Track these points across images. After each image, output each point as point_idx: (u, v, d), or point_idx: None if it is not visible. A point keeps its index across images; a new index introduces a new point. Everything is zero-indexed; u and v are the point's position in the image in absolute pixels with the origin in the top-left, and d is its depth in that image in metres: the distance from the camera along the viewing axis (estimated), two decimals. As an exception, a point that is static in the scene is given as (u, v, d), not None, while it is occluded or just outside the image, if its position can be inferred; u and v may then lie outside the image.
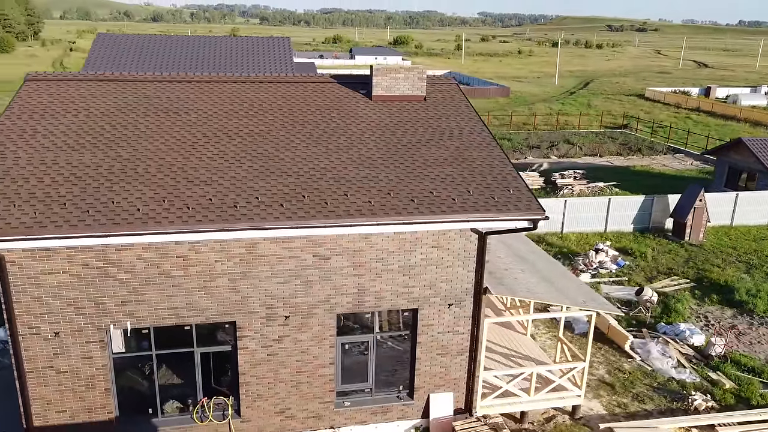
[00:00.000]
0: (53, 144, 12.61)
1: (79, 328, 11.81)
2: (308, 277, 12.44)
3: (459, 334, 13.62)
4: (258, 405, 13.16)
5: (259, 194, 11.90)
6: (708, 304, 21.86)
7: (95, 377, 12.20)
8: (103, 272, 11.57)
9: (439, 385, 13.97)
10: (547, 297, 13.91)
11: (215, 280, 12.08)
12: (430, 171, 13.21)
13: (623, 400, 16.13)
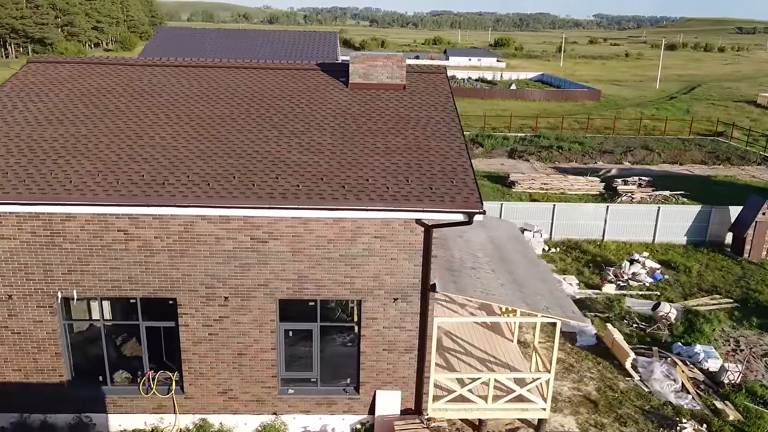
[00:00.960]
0: (24, 119, 13.50)
1: (29, 293, 12.54)
2: (246, 259, 12.45)
3: (406, 330, 13.09)
4: (201, 383, 13.35)
5: (192, 173, 12.06)
6: (745, 327, 19.61)
7: (46, 341, 12.90)
8: (49, 241, 12.20)
9: (387, 382, 13.50)
10: (502, 299, 13.05)
11: (155, 256, 12.38)
12: (377, 159, 12.79)
13: (603, 420, 14.81)
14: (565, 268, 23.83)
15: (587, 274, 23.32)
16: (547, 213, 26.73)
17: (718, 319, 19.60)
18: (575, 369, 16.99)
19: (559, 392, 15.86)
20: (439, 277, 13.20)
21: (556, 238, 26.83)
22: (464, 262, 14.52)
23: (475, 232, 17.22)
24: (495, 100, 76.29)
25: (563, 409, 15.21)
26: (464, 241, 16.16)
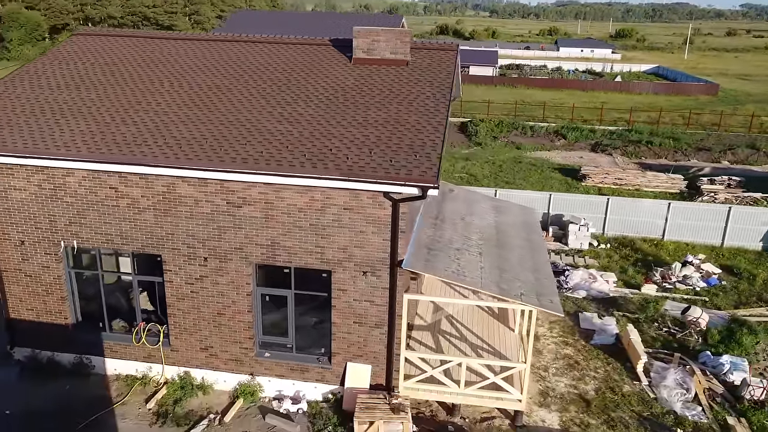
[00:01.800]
0: (47, 84, 14.84)
1: (38, 240, 13.86)
2: (222, 222, 12.96)
3: (376, 305, 13.04)
4: (185, 338, 14.11)
5: (171, 137, 12.71)
6: (798, 343, 17.52)
7: (53, 285, 14.20)
8: (53, 194, 13.40)
9: (357, 355, 13.54)
10: (472, 282, 12.61)
11: (142, 214, 13.21)
12: (350, 131, 12.78)
13: (591, 421, 13.92)
14: (608, 265, 22.43)
15: (631, 272, 21.81)
16: (600, 207, 25.23)
17: (767, 331, 17.66)
18: (580, 367, 16.05)
19: (553, 388, 15.09)
20: (414, 254, 13.02)
21: (609, 233, 25.28)
22: (451, 243, 14.17)
23: (482, 215, 16.72)
24: (596, 92, 72.50)
25: (551, 404, 14.46)
26: (465, 223, 15.74)
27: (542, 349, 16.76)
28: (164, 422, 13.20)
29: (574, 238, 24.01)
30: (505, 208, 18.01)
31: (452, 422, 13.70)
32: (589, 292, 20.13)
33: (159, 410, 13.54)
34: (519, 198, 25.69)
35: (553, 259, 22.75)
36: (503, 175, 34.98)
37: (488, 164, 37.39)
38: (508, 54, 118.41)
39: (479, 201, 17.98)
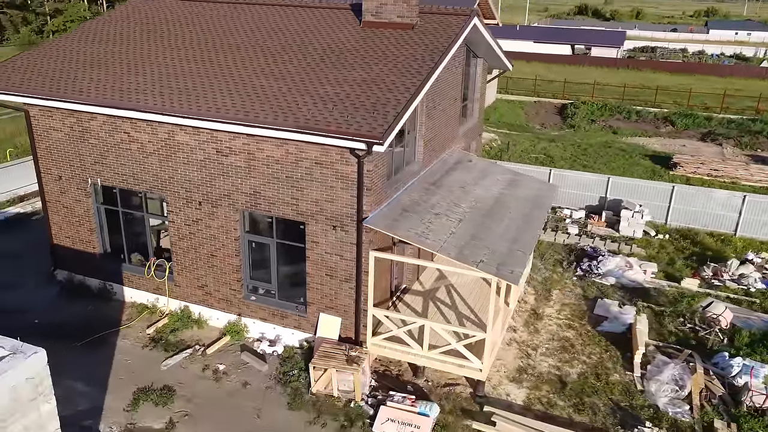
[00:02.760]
0: (93, 38, 16.67)
1: (71, 176, 15.80)
2: (212, 170, 13.99)
3: (344, 259, 13.46)
4: (185, 274, 15.45)
5: (166, 86, 13.87)
6: None
7: (83, 217, 16.15)
8: (81, 136, 15.20)
9: (329, 306, 14.08)
10: (432, 245, 12.59)
11: (148, 158, 14.61)
12: (326, 88, 13.17)
13: (559, 402, 13.43)
14: (656, 256, 20.90)
15: (679, 265, 20.19)
16: (663, 194, 23.41)
17: (812, 342, 15.73)
18: (574, 350, 15.38)
19: (534, 366, 14.67)
20: (383, 213, 13.25)
21: (672, 224, 23.42)
22: (433, 208, 14.17)
23: (489, 186, 16.41)
24: (735, 78, 65.67)
25: (524, 381, 14.10)
26: (463, 192, 15.57)
27: (541, 329, 16.24)
28: (155, 347, 14.67)
29: (626, 225, 22.57)
30: (522, 182, 17.48)
31: (415, 383, 13.87)
32: (619, 279, 18.99)
33: (155, 336, 15.04)
34: (574, 180, 24.57)
35: (596, 244, 21.62)
36: (584, 158, 33.31)
37: (573, 147, 35.73)
38: (646, 36, 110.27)
39: (495, 173, 17.61)
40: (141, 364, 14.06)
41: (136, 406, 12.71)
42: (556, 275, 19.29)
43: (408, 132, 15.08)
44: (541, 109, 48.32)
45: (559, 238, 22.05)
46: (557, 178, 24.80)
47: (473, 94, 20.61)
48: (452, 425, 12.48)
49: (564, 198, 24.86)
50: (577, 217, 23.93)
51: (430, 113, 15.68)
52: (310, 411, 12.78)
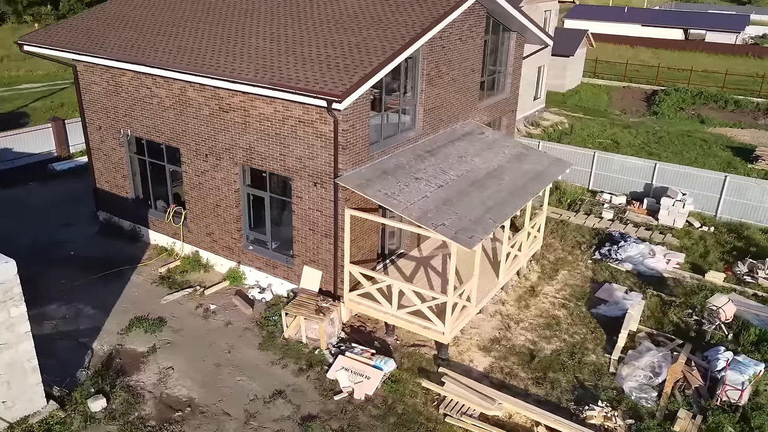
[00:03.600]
0: (131, 3, 18.29)
1: (108, 127, 17.59)
2: (216, 125, 15.10)
3: (324, 215, 14.12)
4: (197, 222, 16.81)
5: (177, 45, 15.06)
6: None
7: (118, 164, 17.95)
8: (115, 90, 16.88)
9: (312, 260, 14.83)
10: (395, 205, 12.92)
11: (166, 112, 15.99)
12: (312, 50, 13.77)
13: (521, 374, 13.39)
14: (689, 247, 19.71)
15: (712, 258, 18.95)
16: (715, 185, 21.87)
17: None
18: (558, 328, 15.13)
19: (509, 338, 14.64)
20: (359, 173, 13.73)
21: (723, 216, 21.87)
22: (417, 173, 14.43)
23: (490, 158, 16.36)
24: None
25: (493, 351, 14.14)
26: (458, 160, 15.65)
27: (532, 305, 16.07)
28: (162, 284, 16.18)
29: (665, 214, 21.39)
30: (531, 157, 17.17)
31: (384, 340, 14.35)
32: (637, 266, 18.20)
33: (165, 275, 16.55)
34: (620, 164, 23.54)
35: (629, 230, 20.72)
36: (655, 146, 31.50)
37: (648, 134, 33.82)
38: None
39: (505, 146, 17.42)
40: (145, 297, 15.60)
41: (129, 330, 14.22)
42: (571, 257, 18.82)
43: (405, 98, 15.38)
44: (628, 95, 45.88)
45: (590, 222, 21.35)
46: (602, 162, 23.87)
47: (505, 68, 20.35)
48: (404, 381, 12.88)
49: (607, 182, 23.92)
50: (617, 202, 22.96)
51: (433, 81, 15.83)
52: (276, 353, 13.67)
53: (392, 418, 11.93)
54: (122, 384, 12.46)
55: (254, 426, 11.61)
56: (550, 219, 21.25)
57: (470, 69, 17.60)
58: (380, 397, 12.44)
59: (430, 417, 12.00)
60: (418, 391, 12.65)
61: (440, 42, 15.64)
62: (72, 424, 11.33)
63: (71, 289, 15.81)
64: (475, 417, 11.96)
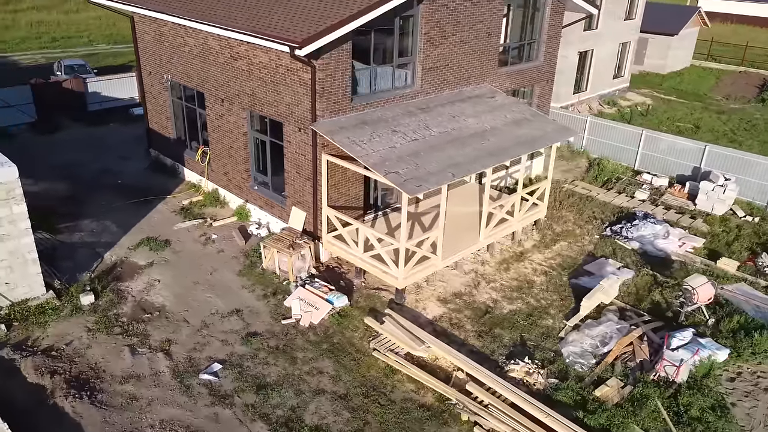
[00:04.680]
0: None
1: (155, 72, 19.78)
2: (228, 71, 16.59)
3: (307, 159, 15.18)
4: (217, 161, 18.58)
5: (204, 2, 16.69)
6: None
7: (163, 107, 20.15)
8: (159, 39, 18.94)
9: (298, 201, 15.99)
10: (354, 151, 13.62)
11: (194, 60, 17.76)
12: (301, 3, 14.68)
13: (468, 327, 13.76)
14: (718, 233, 18.45)
15: (738, 248, 17.66)
16: (766, 172, 20.12)
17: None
18: (528, 293, 15.16)
19: (472, 294, 14.94)
20: (337, 121, 14.58)
21: (774, 208, 20.13)
22: (397, 126, 15.00)
23: (485, 119, 16.50)
24: None
25: (450, 303, 14.55)
26: (451, 120, 15.96)
27: (512, 269, 16.15)
28: (180, 213, 18.16)
29: (704, 199, 20.05)
30: (534, 123, 16.99)
31: (351, 281, 15.26)
32: (644, 246, 17.48)
33: (186, 207, 18.53)
34: (669, 146, 22.26)
35: (657, 212, 19.74)
36: (743, 134, 28.99)
37: (742, 122, 31.09)
38: None
39: (511, 111, 17.35)
40: (162, 223, 17.66)
41: (138, 247, 16.31)
42: (580, 230, 18.43)
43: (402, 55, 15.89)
44: (740, 81, 41.93)
45: (619, 200, 20.57)
46: (650, 141, 22.69)
47: (538, 36, 20.02)
48: (351, 317, 13.76)
49: (654, 163, 22.72)
50: (658, 184, 21.82)
51: (434, 41, 16.18)
52: (251, 279, 15.09)
53: (325, 345, 12.91)
54: (113, 287, 14.49)
55: (204, 334, 13.12)
56: (575, 193, 20.77)
57: (486, 32, 17.65)
58: (323, 327, 13.44)
59: (360, 349, 12.84)
60: (360, 327, 13.49)
61: (443, 2, 15.94)
62: (62, 311, 13.49)
63: (107, 209, 18.25)
64: (401, 355, 12.61)
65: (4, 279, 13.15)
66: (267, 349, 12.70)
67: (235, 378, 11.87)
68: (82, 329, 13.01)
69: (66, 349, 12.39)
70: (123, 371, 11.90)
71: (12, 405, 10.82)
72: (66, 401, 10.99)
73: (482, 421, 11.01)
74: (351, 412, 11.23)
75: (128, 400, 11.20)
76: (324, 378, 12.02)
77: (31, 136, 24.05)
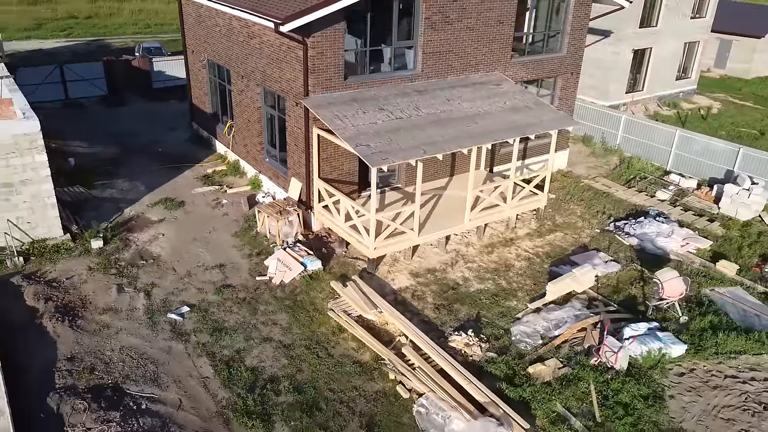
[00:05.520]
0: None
1: (196, 51, 21.55)
2: (246, 49, 17.92)
3: (301, 132, 16.18)
4: (239, 134, 20.03)
5: (225, -19, 18.08)
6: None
7: (202, 83, 21.91)
8: (198, 20, 20.65)
9: (297, 173, 17.03)
10: (337, 126, 14.40)
11: (222, 39, 19.26)
12: (304, -15, 15.67)
13: (428, 299, 14.21)
14: (730, 237, 17.57)
15: (746, 253, 16.78)
16: (802, 178, 18.82)
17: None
18: (503, 276, 15.36)
19: (445, 271, 15.35)
20: (327, 97, 15.44)
21: (808, 218, 18.80)
22: (387, 106, 15.64)
23: (481, 105, 16.77)
24: None
25: (421, 277, 15.03)
26: (444, 102, 16.39)
27: (495, 252, 16.35)
28: (201, 180, 19.79)
29: (728, 202, 19.08)
30: (533, 111, 17.00)
31: (334, 250, 16.10)
32: (643, 243, 17.04)
33: (208, 174, 20.15)
34: (703, 147, 21.31)
35: (673, 212, 19.06)
36: (809, 142, 26.96)
37: (814, 130, 28.88)
38: None
39: (512, 98, 17.45)
40: (183, 187, 19.34)
41: (155, 206, 18.03)
42: (582, 223, 18.23)
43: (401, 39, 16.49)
44: (837, 90, 38.50)
45: (637, 199, 20.00)
46: (683, 142, 21.80)
47: (563, 27, 19.88)
48: (321, 280, 14.64)
49: (687, 164, 21.81)
50: (686, 185, 20.94)
51: (436, 26, 16.65)
52: (243, 240, 16.34)
53: (288, 302, 13.87)
54: (122, 236, 16.21)
55: (185, 281, 14.48)
56: (592, 188, 20.42)
57: (497, 21, 17.86)
58: (292, 287, 14.41)
59: (318, 308, 13.69)
60: (325, 289, 14.33)
61: (446, -12, 16.40)
62: (73, 252, 15.34)
63: (141, 172, 20.21)
64: (352, 317, 13.33)
65: (26, 219, 15.16)
66: (234, 300, 13.85)
67: (197, 320, 13.11)
68: (84, 267, 14.76)
69: (65, 282, 14.15)
70: (105, 304, 13.47)
71: (8, 322, 12.63)
72: (50, 322, 12.66)
73: (405, 380, 11.54)
74: (289, 360, 12.12)
75: (101, 328, 12.72)
76: (276, 329, 13.00)
77: (99, 108, 26.80)
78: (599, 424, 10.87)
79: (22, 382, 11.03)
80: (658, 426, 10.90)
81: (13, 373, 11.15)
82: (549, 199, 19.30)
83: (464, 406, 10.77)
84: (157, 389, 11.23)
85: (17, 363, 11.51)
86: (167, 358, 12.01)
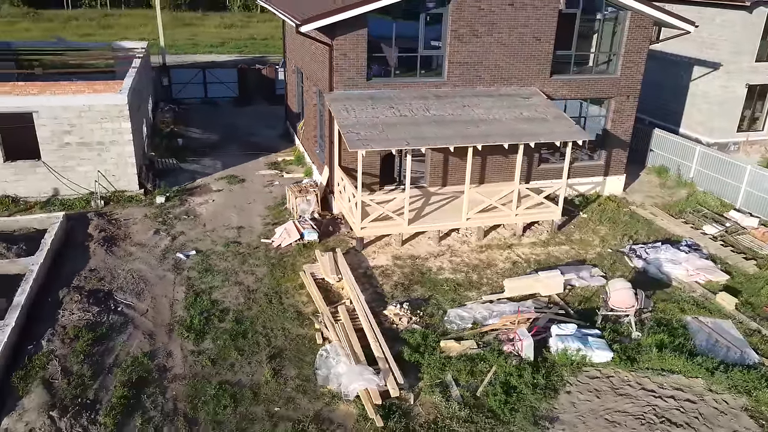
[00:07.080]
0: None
1: (290, 60, 24.97)
2: (308, 53, 20.69)
3: (326, 124, 18.43)
4: (306, 128, 22.85)
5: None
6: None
7: (291, 86, 25.27)
8: (289, 32, 24.03)
9: (327, 161, 19.26)
10: (341, 117, 16.32)
11: (300, 47, 22.31)
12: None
13: (393, 278, 15.46)
14: (760, 276, 16.10)
15: (762, 287, 15.36)
16: None
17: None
18: (479, 271, 15.99)
19: (426, 260, 16.36)
20: (348, 94, 17.52)
21: None
22: (400, 105, 17.27)
23: (495, 112, 17.59)
24: None
25: (400, 260, 16.27)
26: (459, 108, 17.55)
27: (487, 253, 16.96)
28: (268, 165, 22.93)
29: None
30: (548, 124, 17.35)
31: (340, 231, 17.94)
32: (647, 267, 16.40)
33: (276, 162, 23.28)
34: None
35: (709, 245, 17.86)
36: None
37: None
38: None
39: (533, 110, 17.91)
40: (251, 168, 22.63)
41: (220, 179, 21.47)
42: (599, 242, 17.93)
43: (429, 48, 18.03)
44: None
45: (678, 229, 18.99)
46: (755, 178, 20.10)
47: (617, 48, 19.82)
48: (311, 247, 16.62)
49: (759, 203, 20.02)
50: (746, 223, 19.30)
51: (464, 39, 17.93)
52: (271, 212, 18.97)
53: (274, 260, 16.07)
54: (182, 198, 19.74)
55: (207, 234, 17.41)
56: (636, 214, 19.79)
57: (533, 37, 18.59)
58: (286, 250, 16.58)
59: (295, 269, 15.67)
60: (311, 257, 16.27)
61: (475, 4, 17.65)
62: (141, 203, 19.14)
63: (226, 155, 23.97)
64: (316, 278, 15.09)
65: (112, 172, 19.31)
66: (234, 252, 16.41)
67: (196, 262, 15.86)
68: (142, 214, 18.42)
69: (121, 221, 17.87)
70: (139, 240, 16.84)
71: (70, 241, 16.50)
72: (93, 245, 16.29)
73: (325, 331, 13.04)
74: (246, 300, 14.28)
75: (126, 255, 16.04)
76: (250, 277, 15.26)
77: (229, 107, 31.68)
78: (476, 398, 11.38)
79: (51, 278, 14.58)
80: (534, 411, 11.11)
81: (51, 271, 14.79)
82: (580, 218, 19.27)
83: (354, 354, 12.01)
84: (135, 300, 14.09)
85: (58, 266, 15.16)
86: (157, 282, 14.87)
